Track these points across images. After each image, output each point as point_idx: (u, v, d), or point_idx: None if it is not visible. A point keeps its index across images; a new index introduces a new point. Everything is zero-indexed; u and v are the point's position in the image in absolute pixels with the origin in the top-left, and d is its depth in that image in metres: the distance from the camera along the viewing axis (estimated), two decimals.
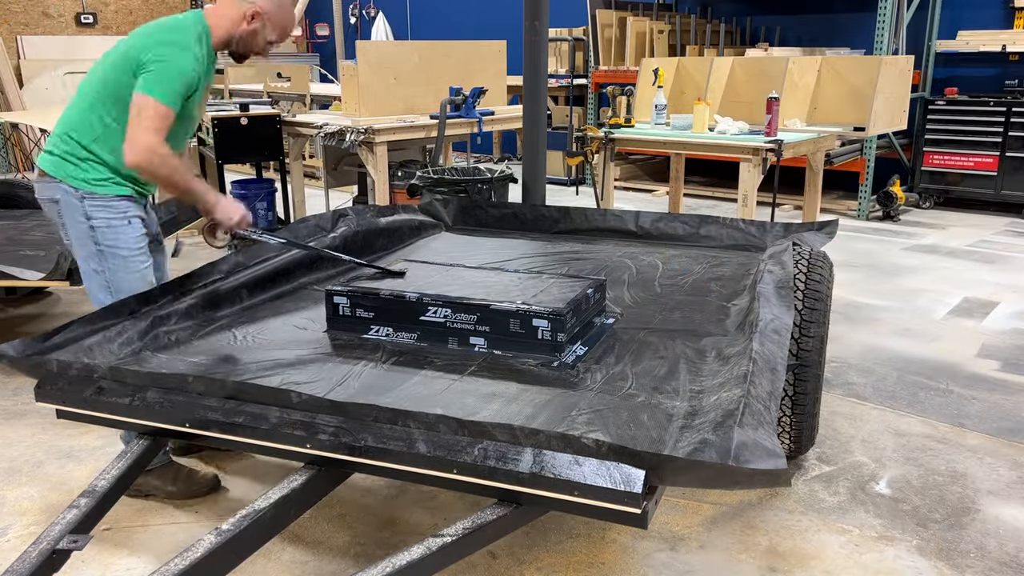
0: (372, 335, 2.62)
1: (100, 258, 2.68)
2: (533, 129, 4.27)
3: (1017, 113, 7.16)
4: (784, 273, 2.77)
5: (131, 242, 2.70)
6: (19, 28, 10.34)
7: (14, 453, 3.22)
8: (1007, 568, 2.51)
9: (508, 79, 6.42)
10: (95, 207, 2.65)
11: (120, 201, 2.68)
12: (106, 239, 2.67)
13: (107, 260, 2.68)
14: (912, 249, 6.41)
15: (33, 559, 1.85)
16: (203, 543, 1.83)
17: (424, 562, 1.79)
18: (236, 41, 2.71)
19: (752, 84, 5.68)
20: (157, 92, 2.50)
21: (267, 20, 2.68)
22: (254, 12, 2.66)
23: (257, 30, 2.69)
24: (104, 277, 2.70)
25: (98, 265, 2.69)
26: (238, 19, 2.66)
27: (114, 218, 2.67)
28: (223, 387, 2.11)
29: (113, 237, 2.67)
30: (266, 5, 2.67)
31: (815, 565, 2.53)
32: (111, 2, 11.12)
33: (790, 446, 2.91)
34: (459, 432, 1.88)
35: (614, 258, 3.54)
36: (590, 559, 2.54)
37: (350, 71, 5.39)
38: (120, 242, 2.68)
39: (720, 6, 9.33)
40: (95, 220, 2.65)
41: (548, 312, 2.42)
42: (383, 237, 3.62)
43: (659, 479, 1.76)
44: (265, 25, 2.69)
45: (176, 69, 2.53)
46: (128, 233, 2.70)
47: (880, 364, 4.08)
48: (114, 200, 2.67)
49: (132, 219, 2.71)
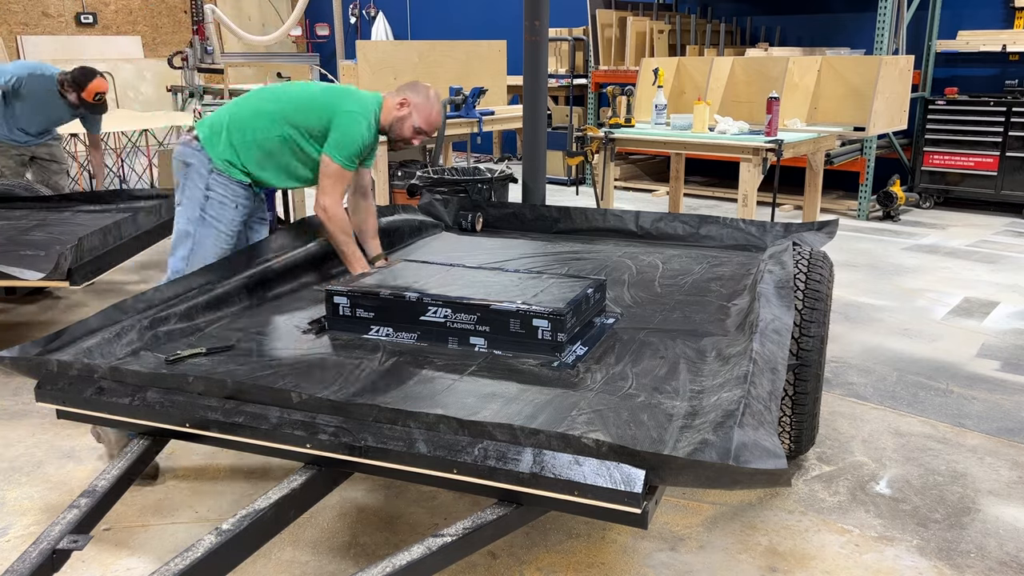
0: (372, 335, 2.62)
1: (200, 223, 3.15)
2: (533, 129, 4.27)
3: (1017, 113, 7.16)
4: (784, 273, 2.77)
5: (229, 222, 3.19)
6: (19, 28, 10.34)
7: (14, 453, 3.22)
8: (1007, 568, 2.51)
9: (508, 79, 6.43)
10: (217, 182, 3.14)
11: (238, 186, 3.18)
12: (212, 210, 3.15)
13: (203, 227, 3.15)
14: (912, 249, 6.41)
15: (33, 559, 1.85)
16: (203, 543, 1.83)
17: (424, 562, 1.79)
18: (390, 127, 3.15)
19: (752, 84, 5.68)
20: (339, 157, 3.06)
21: (413, 108, 3.12)
22: (402, 100, 3.13)
23: (405, 117, 3.12)
24: (193, 240, 3.15)
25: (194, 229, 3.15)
26: (393, 107, 3.13)
27: (227, 196, 3.16)
28: (223, 387, 2.11)
29: (219, 212, 3.15)
30: (413, 96, 3.14)
31: (815, 565, 2.53)
32: (111, 2, 11.12)
33: (790, 446, 2.91)
34: (459, 432, 1.88)
35: (614, 258, 3.54)
36: (590, 559, 2.54)
37: (350, 71, 5.39)
38: (223, 218, 3.17)
39: (720, 6, 9.33)
40: (212, 192, 3.14)
41: (548, 312, 2.42)
42: (383, 237, 3.62)
43: (659, 479, 1.76)
44: (411, 113, 3.11)
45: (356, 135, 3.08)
46: (231, 214, 3.18)
47: (880, 364, 4.08)
48: (234, 184, 3.17)
49: (240, 204, 3.20)
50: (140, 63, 11.02)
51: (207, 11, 7.44)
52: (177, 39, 11.72)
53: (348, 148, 3.04)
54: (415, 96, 3.13)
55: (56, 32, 10.63)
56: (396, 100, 3.13)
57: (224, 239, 3.18)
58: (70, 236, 4.22)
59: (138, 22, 11.42)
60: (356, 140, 3.04)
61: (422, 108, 3.13)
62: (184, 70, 7.50)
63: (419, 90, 3.16)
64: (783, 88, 5.33)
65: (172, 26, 11.82)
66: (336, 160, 3.05)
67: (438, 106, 3.18)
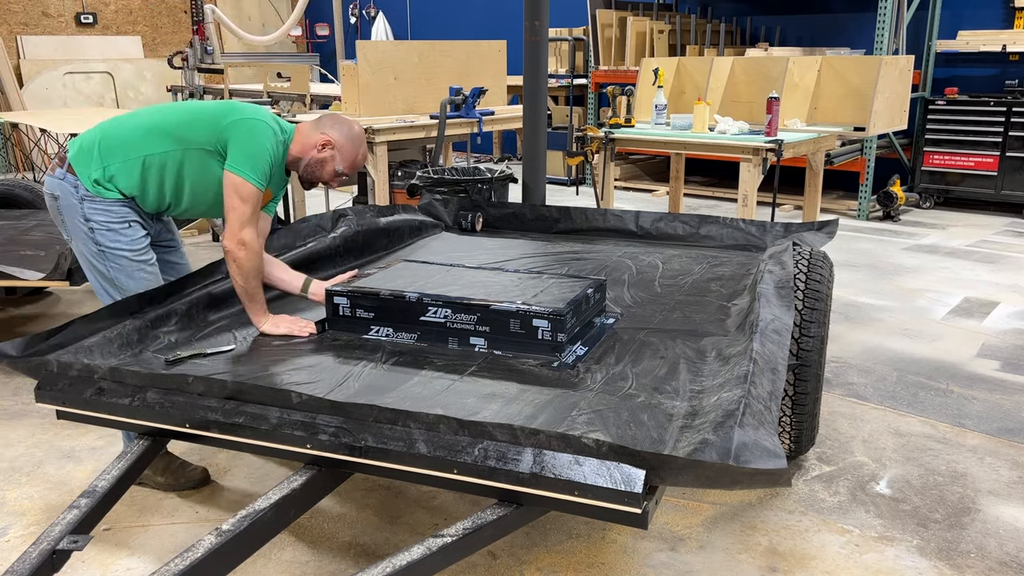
0: (372, 335, 2.62)
1: (103, 258, 2.68)
2: (533, 129, 4.27)
3: (1017, 113, 7.16)
4: (784, 273, 2.77)
5: (131, 242, 2.70)
6: (19, 28, 10.34)
7: (14, 453, 3.22)
8: (1007, 568, 2.51)
9: (508, 79, 6.42)
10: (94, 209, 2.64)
11: (118, 205, 2.67)
12: (105, 240, 2.66)
13: (108, 261, 2.68)
14: (912, 249, 6.41)
15: (33, 559, 1.85)
16: (203, 543, 1.83)
17: (424, 562, 1.79)
18: (305, 166, 2.72)
19: (752, 84, 5.68)
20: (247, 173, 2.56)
21: (337, 151, 2.71)
22: (325, 141, 2.69)
23: (326, 160, 2.71)
24: (108, 280, 2.71)
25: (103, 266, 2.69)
26: (312, 146, 2.70)
27: (112, 220, 2.66)
28: (223, 387, 2.11)
29: (114, 239, 2.66)
30: (338, 137, 2.70)
31: (815, 565, 2.53)
32: (111, 2, 11.12)
33: (790, 446, 2.91)
34: (459, 432, 1.88)
35: (614, 258, 3.54)
36: (590, 559, 2.54)
37: (350, 71, 5.39)
38: (122, 242, 2.68)
39: (720, 6, 9.33)
40: (92, 222, 2.65)
41: (548, 312, 2.42)
42: (383, 237, 3.63)
43: (659, 479, 1.76)
44: (335, 156, 2.71)
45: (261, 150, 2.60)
46: (129, 234, 2.69)
47: (880, 364, 4.08)
48: (114, 204, 2.66)
49: (133, 222, 2.70)
50: (140, 63, 11.03)
51: (207, 11, 7.44)
52: (177, 39, 11.72)
53: (256, 161, 2.55)
54: (339, 136, 2.70)
55: (56, 32, 10.63)
56: (317, 139, 2.68)
57: (141, 264, 2.71)
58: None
59: (138, 22, 11.42)
60: (263, 151, 2.57)
61: (347, 151, 2.71)
62: (184, 70, 7.49)
63: (342, 128, 2.72)
64: (783, 88, 5.33)
65: (172, 26, 11.82)
66: (247, 178, 2.54)
67: (364, 146, 2.78)
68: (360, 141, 2.77)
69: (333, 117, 2.77)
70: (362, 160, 2.80)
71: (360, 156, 2.77)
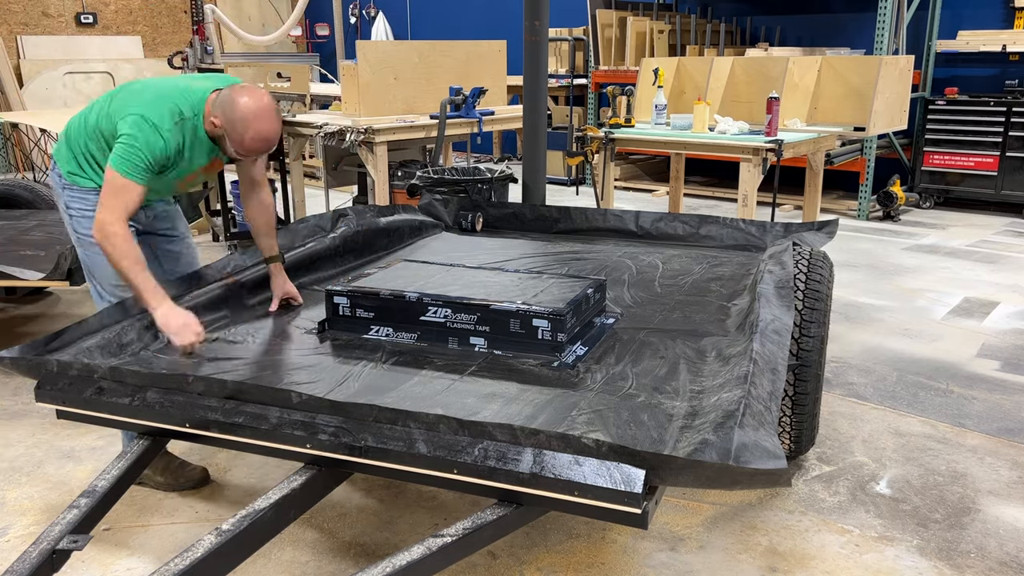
0: (372, 335, 2.62)
1: (80, 245, 2.76)
2: (533, 129, 4.27)
3: (1017, 113, 7.16)
4: (784, 273, 2.77)
5: None
6: (19, 28, 10.34)
7: (14, 453, 3.22)
8: (1007, 568, 2.51)
9: (508, 79, 6.42)
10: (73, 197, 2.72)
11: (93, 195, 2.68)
12: (81, 227, 2.72)
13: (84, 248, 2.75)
14: (912, 249, 6.41)
15: (33, 559, 1.85)
16: (203, 543, 1.83)
17: (424, 562, 1.79)
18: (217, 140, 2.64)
19: (752, 84, 5.67)
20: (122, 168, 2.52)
21: (225, 131, 2.56)
22: (212, 120, 2.58)
23: (220, 137, 2.60)
24: (87, 266, 2.78)
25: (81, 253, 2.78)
26: (210, 118, 2.60)
27: (86, 208, 2.69)
28: (223, 387, 2.11)
29: (88, 227, 2.66)
30: (222, 117, 2.55)
31: (815, 565, 2.53)
32: (111, 2, 11.12)
33: (790, 446, 2.91)
34: (459, 432, 1.88)
35: (614, 258, 3.54)
36: (590, 559, 2.54)
37: (350, 71, 5.38)
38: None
39: (720, 6, 9.33)
40: (71, 209, 2.73)
41: (548, 312, 2.42)
42: (383, 237, 3.62)
43: (659, 479, 1.76)
44: (224, 136, 2.58)
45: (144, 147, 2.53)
46: None
47: (880, 364, 4.08)
48: (89, 193, 2.69)
49: None
50: (140, 63, 11.03)
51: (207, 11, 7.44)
52: (177, 39, 11.72)
53: (129, 154, 2.50)
54: (224, 116, 2.54)
55: (56, 32, 10.63)
56: (211, 118, 2.58)
57: None
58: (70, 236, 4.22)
59: (138, 22, 11.42)
60: (139, 147, 2.50)
61: (232, 132, 2.54)
62: (184, 70, 7.49)
63: (231, 106, 2.52)
64: (783, 88, 5.33)
65: (172, 26, 11.82)
66: (117, 168, 2.51)
67: (255, 126, 2.53)
68: (246, 122, 2.51)
69: (228, 92, 2.58)
70: (253, 143, 2.56)
71: (249, 138, 2.53)
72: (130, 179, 2.51)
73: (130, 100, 2.61)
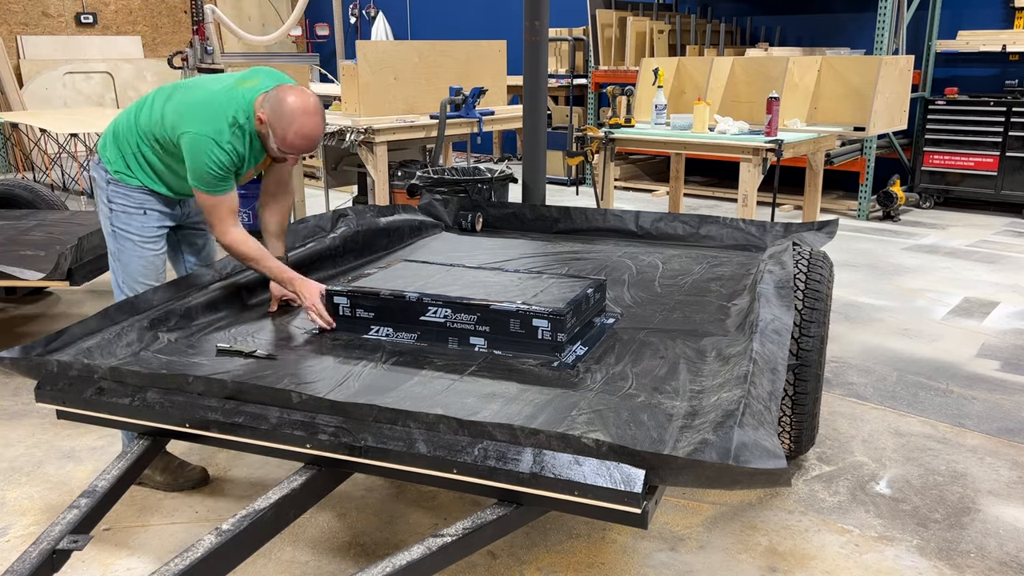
0: (372, 335, 2.62)
1: (113, 238, 2.85)
2: (533, 129, 4.27)
3: (1017, 113, 7.16)
4: (784, 273, 2.77)
5: (141, 229, 2.85)
6: (19, 28, 10.34)
7: (14, 453, 3.22)
8: (1007, 568, 2.51)
9: (508, 79, 6.42)
10: (116, 192, 2.82)
11: (138, 192, 2.82)
12: (119, 221, 2.83)
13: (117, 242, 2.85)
14: (912, 249, 6.41)
15: (33, 559, 1.85)
16: (203, 543, 1.83)
17: (424, 562, 1.79)
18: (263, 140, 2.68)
19: (752, 84, 5.68)
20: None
21: (269, 127, 2.60)
22: (259, 116, 2.62)
23: (265, 135, 2.64)
24: (115, 258, 2.87)
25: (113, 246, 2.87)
26: (256, 119, 2.64)
27: (129, 204, 2.82)
28: (223, 387, 2.11)
29: (126, 222, 2.83)
30: (268, 113, 2.59)
31: (815, 565, 2.53)
32: (111, 2, 11.12)
33: (790, 446, 2.91)
34: (459, 432, 1.88)
35: (614, 258, 3.54)
36: (590, 559, 2.54)
37: (350, 71, 5.39)
38: (132, 227, 2.84)
39: (720, 6, 9.33)
40: (113, 204, 2.83)
41: (548, 312, 2.42)
42: (383, 237, 3.62)
43: (659, 479, 1.76)
44: (269, 133, 2.61)
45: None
46: (140, 221, 2.84)
47: (880, 364, 4.08)
48: (133, 191, 2.82)
49: (149, 210, 2.85)
50: (140, 63, 11.03)
51: (207, 11, 7.44)
52: (177, 39, 11.72)
53: (203, 175, 2.61)
54: (270, 112, 2.58)
55: (56, 32, 10.63)
56: (258, 115, 2.62)
57: (144, 250, 2.84)
58: (70, 236, 4.23)
59: (138, 22, 11.42)
60: (206, 164, 2.59)
61: (276, 128, 2.58)
62: (184, 70, 7.49)
63: (277, 103, 2.58)
64: (783, 88, 5.33)
65: (172, 26, 11.82)
66: (202, 190, 2.65)
67: (298, 122, 2.57)
68: (291, 118, 2.56)
69: (275, 92, 2.61)
70: (296, 139, 2.60)
71: (292, 134, 2.58)
72: (217, 194, 2.67)
73: (186, 113, 2.64)
